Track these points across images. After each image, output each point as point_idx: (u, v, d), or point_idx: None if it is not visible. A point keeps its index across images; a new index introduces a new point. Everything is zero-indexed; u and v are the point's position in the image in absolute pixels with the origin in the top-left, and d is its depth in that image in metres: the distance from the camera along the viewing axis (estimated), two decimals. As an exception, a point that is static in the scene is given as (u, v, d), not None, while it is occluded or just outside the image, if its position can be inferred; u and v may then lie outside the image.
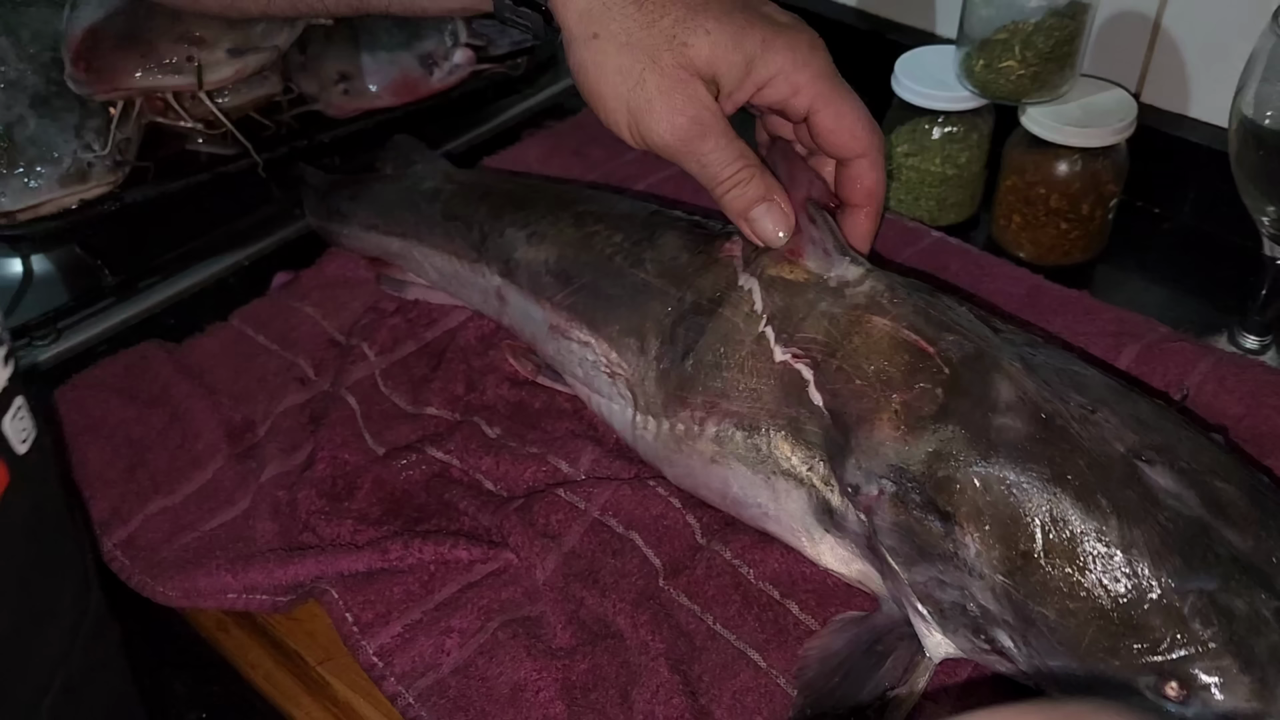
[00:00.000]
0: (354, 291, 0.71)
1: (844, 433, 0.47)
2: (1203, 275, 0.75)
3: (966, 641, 0.45)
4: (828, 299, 0.50)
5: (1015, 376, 0.45)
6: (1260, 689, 0.38)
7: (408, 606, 0.52)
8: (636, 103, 0.49)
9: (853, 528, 0.48)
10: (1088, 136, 0.68)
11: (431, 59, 0.84)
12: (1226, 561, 0.40)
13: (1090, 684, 0.41)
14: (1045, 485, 0.42)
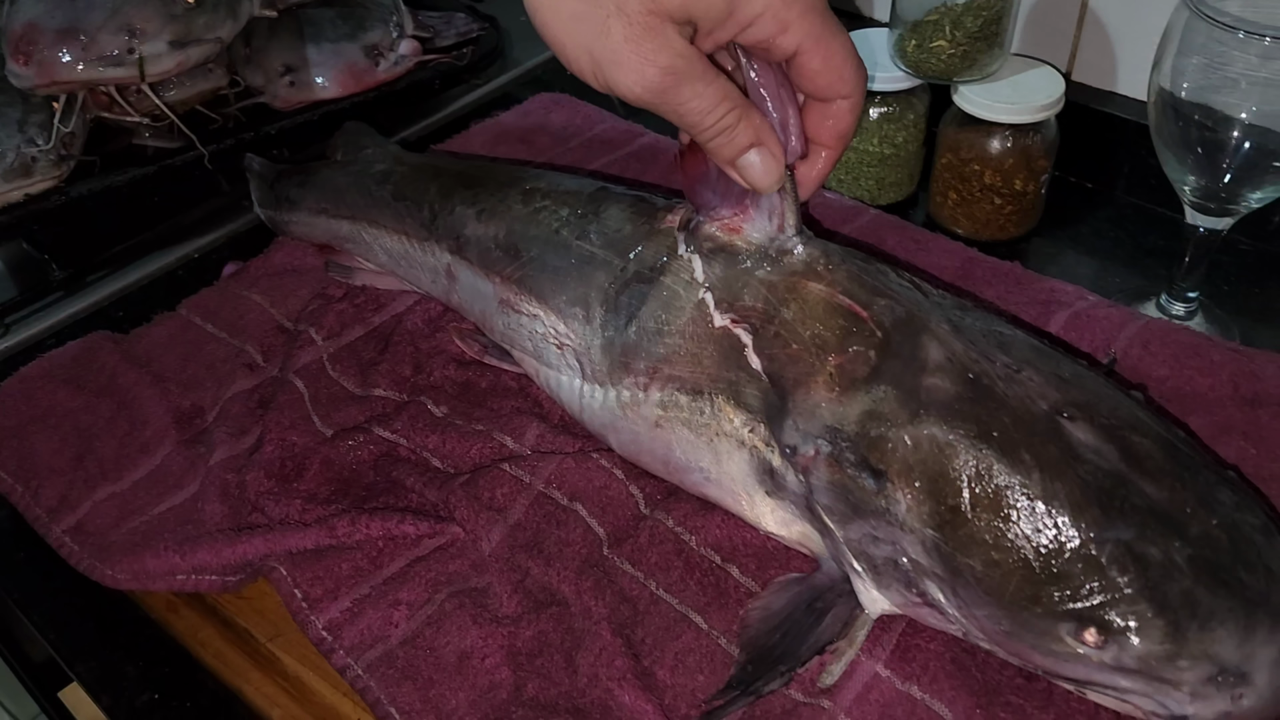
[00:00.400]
0: (302, 279, 0.71)
1: (782, 396, 0.48)
2: (1133, 246, 0.77)
3: (900, 595, 0.47)
4: (765, 266, 0.51)
5: (944, 338, 0.47)
6: (1173, 631, 0.40)
7: (356, 582, 0.52)
8: (601, 53, 0.44)
9: (792, 488, 0.49)
10: (1018, 113, 0.70)
11: (377, 50, 0.84)
12: (1142, 511, 0.42)
13: (1014, 633, 0.43)
14: (972, 442, 0.44)
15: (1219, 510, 0.42)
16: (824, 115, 0.50)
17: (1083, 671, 0.42)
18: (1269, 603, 0.41)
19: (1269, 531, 0.43)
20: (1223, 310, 0.70)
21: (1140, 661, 0.41)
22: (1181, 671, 0.40)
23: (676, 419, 0.52)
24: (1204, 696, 0.40)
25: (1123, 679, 0.42)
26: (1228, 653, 0.40)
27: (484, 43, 0.94)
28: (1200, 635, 0.40)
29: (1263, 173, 0.59)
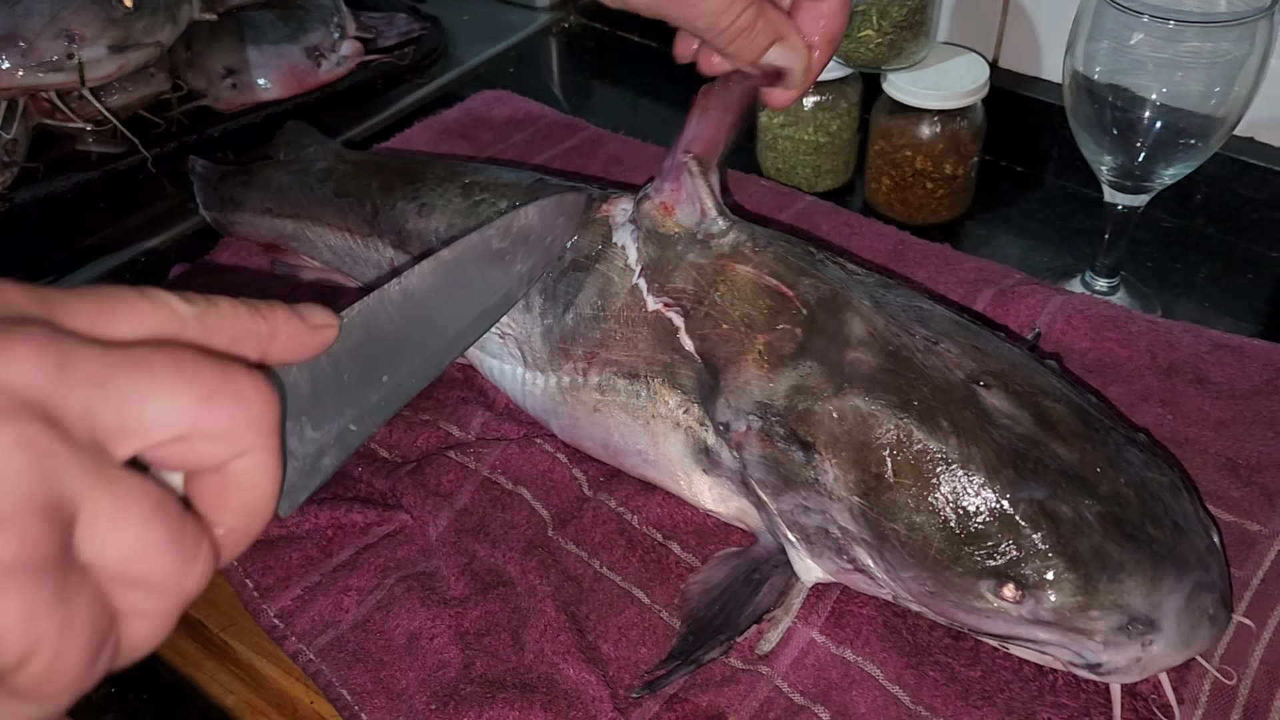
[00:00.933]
0: (248, 279, 0.72)
1: (714, 375, 0.50)
2: (1060, 226, 0.79)
3: (831, 563, 0.48)
4: (695, 250, 0.52)
5: (866, 314, 0.49)
6: (1084, 584, 0.42)
7: (306, 570, 0.53)
8: None
9: (727, 465, 0.51)
10: (945, 99, 0.73)
11: (318, 51, 0.85)
12: (1054, 472, 0.44)
13: (939, 593, 0.45)
14: (893, 412, 0.46)
15: (1127, 469, 0.45)
16: (816, 15, 0.50)
17: (1004, 626, 0.44)
18: (1175, 554, 0.43)
19: (1175, 488, 0.45)
20: (1145, 285, 0.73)
21: (1055, 614, 0.43)
22: (1094, 621, 0.42)
23: (614, 403, 0.54)
24: (1116, 644, 0.43)
25: (1041, 631, 0.44)
26: (1136, 602, 0.42)
27: (426, 42, 0.95)
28: (1110, 586, 0.42)
29: (1173, 150, 0.61)
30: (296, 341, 0.34)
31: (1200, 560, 0.43)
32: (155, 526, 0.27)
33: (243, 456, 0.30)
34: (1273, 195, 0.74)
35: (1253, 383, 0.60)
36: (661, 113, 0.95)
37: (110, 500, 0.26)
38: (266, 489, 0.31)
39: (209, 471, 0.30)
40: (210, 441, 0.29)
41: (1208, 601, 0.43)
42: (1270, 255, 0.75)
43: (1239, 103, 0.60)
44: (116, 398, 0.27)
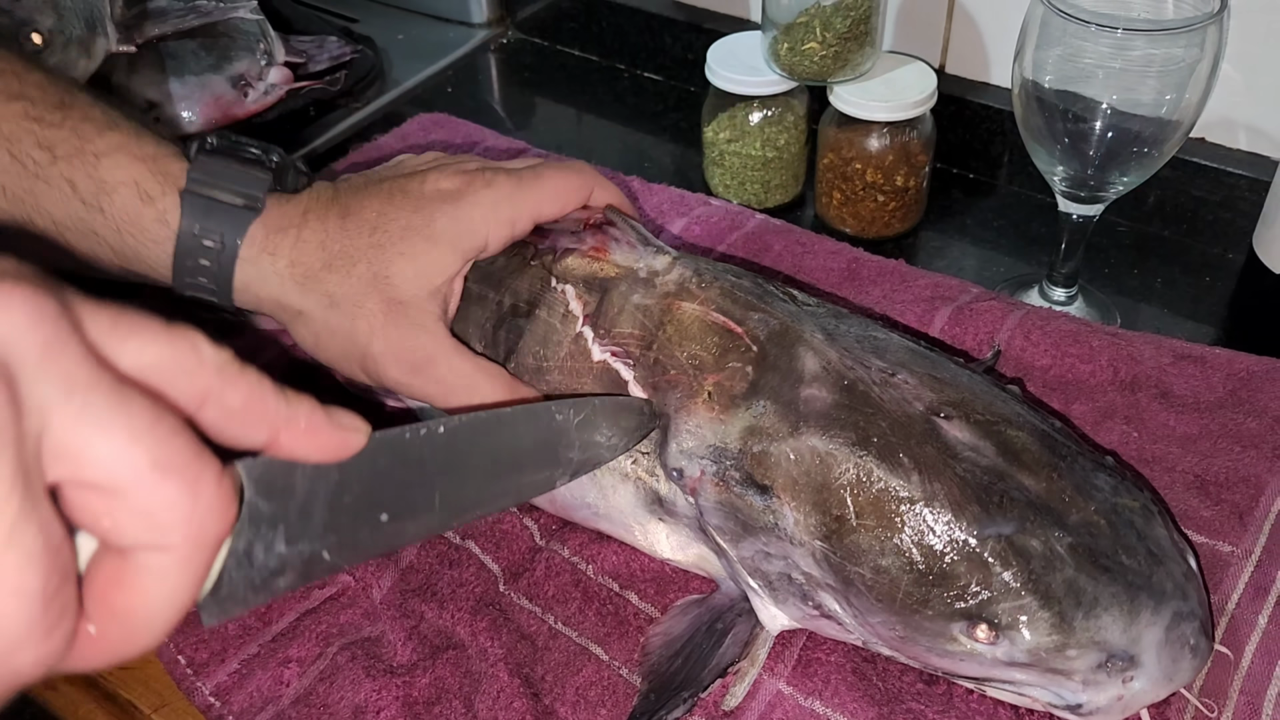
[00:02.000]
0: (177, 325, 0.69)
1: (665, 420, 0.48)
2: (1016, 234, 0.78)
3: (797, 609, 0.46)
4: (640, 290, 0.50)
5: (819, 348, 0.47)
6: (1059, 622, 0.41)
7: (244, 642, 0.50)
8: (357, 353, 0.48)
9: (683, 512, 0.49)
10: (892, 110, 0.71)
11: (245, 80, 0.82)
12: (1022, 505, 0.42)
13: (910, 637, 0.43)
14: (851, 449, 0.44)
15: (1097, 496, 0.43)
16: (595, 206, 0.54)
17: (979, 669, 0.43)
18: (1151, 584, 0.41)
19: (1148, 513, 0.44)
20: (1103, 293, 0.71)
21: (1031, 654, 0.41)
22: (1071, 660, 0.41)
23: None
24: (1096, 683, 0.41)
25: (1017, 673, 0.42)
26: (1114, 637, 0.40)
27: (359, 66, 0.92)
28: (1086, 623, 0.40)
29: (1126, 159, 0.60)
30: (315, 436, 0.31)
31: (1178, 588, 0.42)
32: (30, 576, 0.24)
33: (158, 553, 0.27)
34: (1227, 197, 0.73)
35: (1217, 395, 0.58)
36: (605, 127, 0.93)
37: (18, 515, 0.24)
38: (161, 605, 0.27)
39: (113, 552, 0.27)
40: (135, 515, 0.26)
41: (1188, 631, 0.41)
42: (1227, 257, 0.74)
43: (1191, 109, 0.58)
44: (78, 410, 0.25)
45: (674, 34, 0.93)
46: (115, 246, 0.48)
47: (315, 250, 0.48)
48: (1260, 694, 0.46)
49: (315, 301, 0.48)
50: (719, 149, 0.79)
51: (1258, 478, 0.54)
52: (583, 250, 0.52)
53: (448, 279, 0.49)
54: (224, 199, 0.47)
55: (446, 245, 0.49)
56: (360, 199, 0.49)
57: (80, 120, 0.48)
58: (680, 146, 0.89)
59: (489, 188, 0.50)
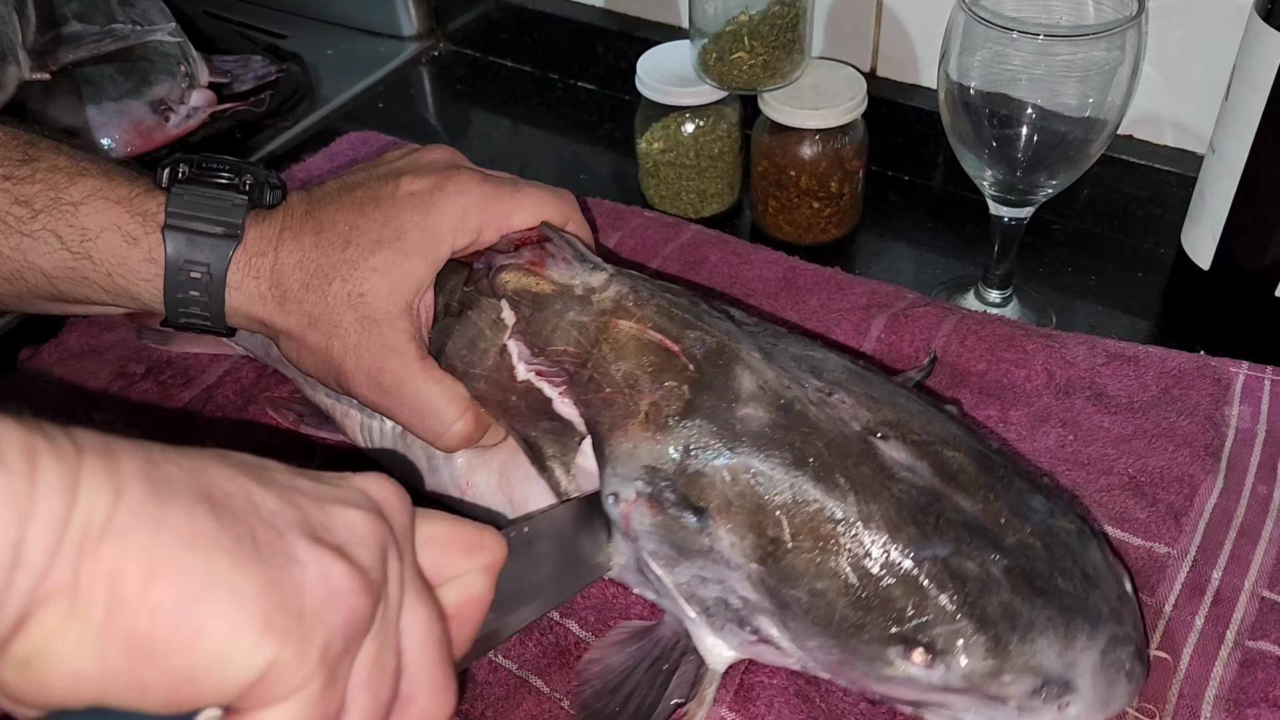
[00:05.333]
0: (101, 359, 0.67)
1: (599, 442, 0.47)
2: (951, 235, 0.78)
3: (735, 636, 0.46)
4: (575, 307, 0.49)
5: (756, 367, 0.46)
6: (995, 646, 0.40)
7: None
8: (332, 370, 0.49)
9: (619, 544, 0.48)
10: (823, 117, 0.71)
11: (165, 104, 0.80)
12: (958, 526, 0.42)
13: (846, 661, 0.43)
14: (787, 470, 0.43)
15: (1033, 518, 0.43)
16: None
17: (916, 693, 0.42)
18: (1087, 608, 0.41)
19: (1083, 535, 0.44)
20: (1038, 292, 0.72)
21: (966, 679, 0.41)
22: (1006, 686, 0.40)
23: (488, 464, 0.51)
24: (1031, 709, 0.41)
25: (954, 697, 0.42)
26: (1050, 662, 0.40)
27: (286, 84, 0.90)
28: (1021, 647, 0.40)
29: (1054, 163, 0.60)
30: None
31: (1113, 612, 0.42)
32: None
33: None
34: (1156, 192, 0.74)
35: (1150, 393, 0.59)
36: (541, 138, 0.92)
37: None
38: None
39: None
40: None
41: (1124, 656, 0.41)
42: (1158, 252, 0.75)
43: (1115, 110, 0.59)
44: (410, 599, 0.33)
45: (606, 42, 0.92)
46: (107, 288, 0.49)
47: (293, 270, 0.49)
48: (1199, 696, 0.46)
49: (295, 321, 0.49)
50: (653, 160, 0.78)
51: (1192, 477, 0.54)
52: (518, 264, 0.51)
53: (420, 290, 0.50)
54: (205, 229, 0.48)
55: (418, 257, 0.49)
56: (333, 212, 0.50)
57: (49, 171, 0.49)
58: (617, 156, 0.89)
59: (461, 194, 0.50)
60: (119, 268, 0.49)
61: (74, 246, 0.48)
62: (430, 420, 0.49)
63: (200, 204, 0.49)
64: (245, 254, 0.49)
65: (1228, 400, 0.58)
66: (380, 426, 0.56)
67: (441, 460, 0.53)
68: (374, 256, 0.48)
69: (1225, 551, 0.51)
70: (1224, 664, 0.47)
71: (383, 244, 0.49)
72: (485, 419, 0.50)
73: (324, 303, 0.48)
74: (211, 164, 0.50)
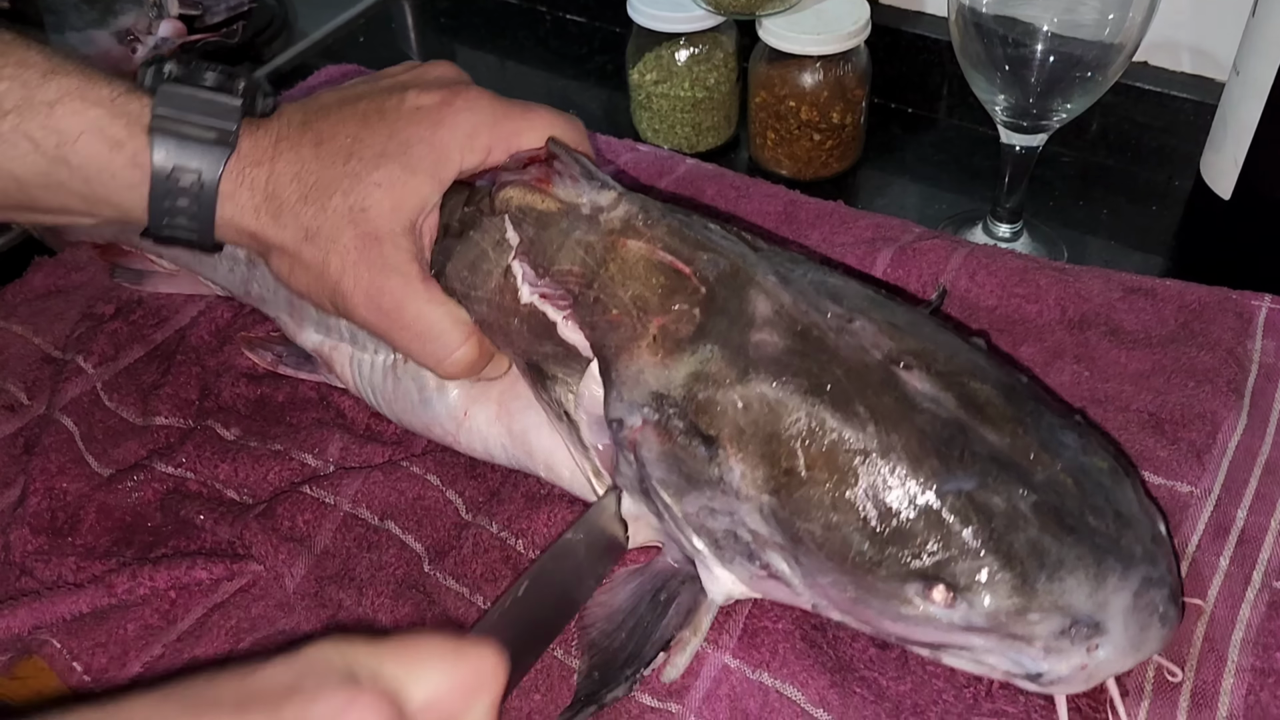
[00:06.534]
0: (69, 300, 0.64)
1: (605, 367, 0.45)
2: (958, 169, 0.75)
3: (744, 570, 0.43)
4: (582, 227, 0.47)
5: (771, 291, 0.43)
6: (1021, 584, 0.38)
7: (146, 643, 0.47)
8: (328, 289, 0.46)
9: (623, 468, 0.45)
10: (824, 43, 0.67)
11: (132, 35, 0.76)
12: (984, 460, 0.39)
13: (861, 599, 0.40)
14: (803, 397, 0.40)
15: (1064, 454, 0.40)
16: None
17: (934, 634, 0.40)
18: (1119, 547, 0.39)
19: (1116, 474, 0.41)
20: (1049, 227, 0.69)
21: (990, 618, 0.38)
22: (1033, 626, 0.38)
23: (489, 397, 0.49)
24: (1058, 651, 0.38)
25: (975, 638, 0.39)
26: (1079, 602, 0.38)
27: (260, 15, 0.86)
28: (1049, 586, 0.38)
29: (1069, 84, 0.57)
30: None
31: (1147, 553, 0.39)
32: None
33: None
34: (1171, 121, 0.71)
35: (1168, 328, 0.56)
36: (528, 74, 0.89)
37: None
38: None
39: None
40: None
41: (1157, 598, 0.39)
42: (1173, 184, 0.72)
43: (1135, 30, 0.55)
44: None
45: (596, -27, 0.88)
46: (85, 196, 0.45)
47: (290, 182, 0.45)
48: (1225, 640, 0.44)
49: (291, 235, 0.46)
50: (646, 91, 0.74)
51: (1214, 413, 0.52)
52: (524, 181, 0.48)
53: (424, 210, 0.47)
54: (195, 134, 0.44)
55: (424, 174, 0.46)
56: (334, 123, 0.46)
57: (17, 66, 0.44)
58: (607, 90, 0.85)
59: (470, 110, 0.47)
60: (99, 174, 0.44)
61: (49, 150, 0.44)
62: (432, 345, 0.46)
63: (190, 106, 0.44)
64: (239, 162, 0.45)
65: (1250, 334, 0.55)
66: (371, 360, 0.53)
67: (435, 392, 0.51)
68: (377, 171, 0.45)
69: (1250, 490, 0.49)
70: (1251, 606, 0.45)
71: (387, 158, 0.46)
72: (489, 346, 0.48)
73: (323, 216, 0.45)
74: (201, 64, 0.46)
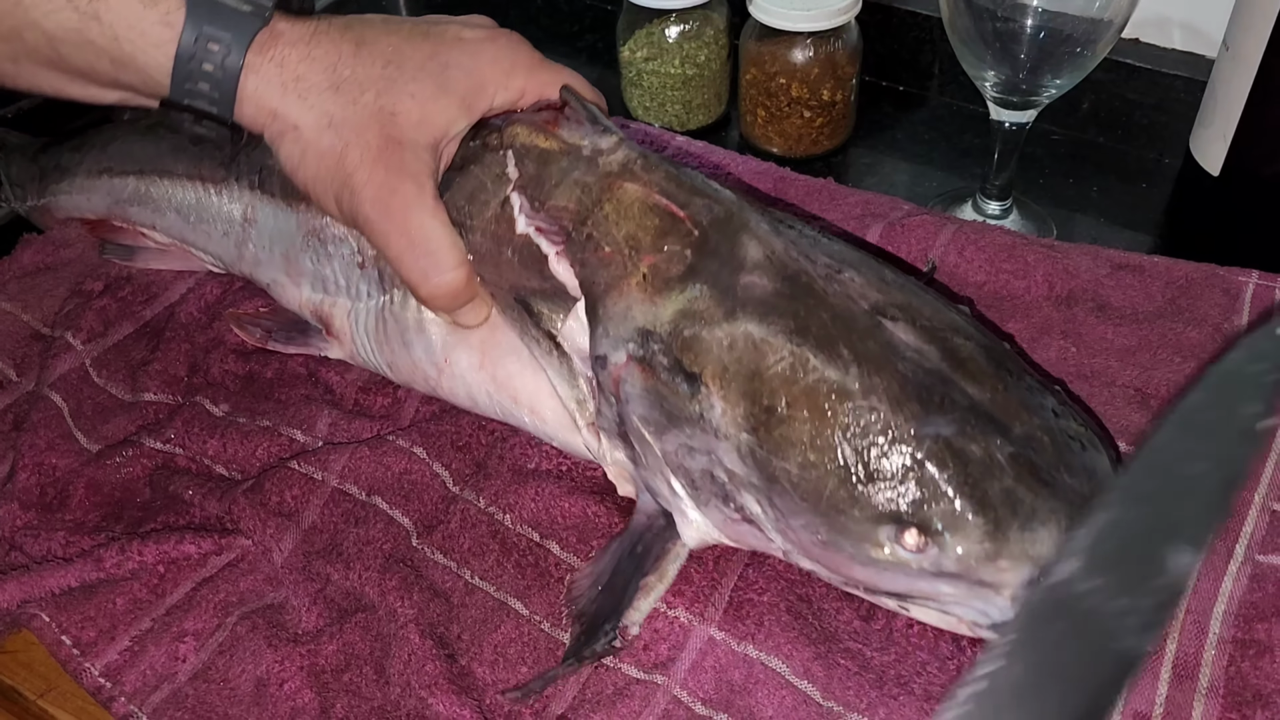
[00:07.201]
0: (58, 277, 0.63)
1: (593, 304, 0.45)
2: (948, 147, 0.75)
3: (718, 513, 0.44)
4: (581, 167, 0.48)
5: (763, 238, 0.44)
6: (993, 531, 0.38)
7: (135, 617, 0.47)
8: (339, 180, 0.46)
9: (604, 410, 0.46)
10: (815, 19, 0.67)
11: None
12: (963, 409, 0.39)
13: (832, 542, 0.40)
14: (788, 338, 0.41)
15: (1041, 414, 0.41)
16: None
17: (904, 582, 0.40)
18: (1091, 504, 0.39)
19: (1092, 440, 0.41)
20: (1038, 204, 0.69)
21: (960, 563, 0.38)
22: (1003, 573, 0.38)
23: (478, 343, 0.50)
24: None
25: (944, 585, 0.39)
26: (1050, 553, 0.38)
27: None
28: (1021, 535, 0.38)
29: (1060, 60, 0.57)
30: None
31: None
32: None
33: None
34: (1162, 99, 0.70)
35: (1155, 304, 0.56)
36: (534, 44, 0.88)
37: None
38: None
39: None
40: None
41: None
42: (1163, 162, 0.72)
43: (1124, 5, 0.55)
44: None
45: (586, -51, 0.87)
46: (112, 55, 0.45)
47: (323, 71, 0.46)
48: (1206, 612, 0.44)
49: (314, 119, 0.46)
50: (636, 68, 0.74)
51: (1199, 388, 0.52)
52: (532, 120, 0.49)
53: (449, 134, 0.48)
54: (230, 3, 0.45)
55: (457, 99, 0.47)
56: (376, 33, 0.47)
57: None
58: (599, 69, 0.85)
59: (511, 51, 0.49)
60: (129, 30, 0.45)
61: (82, 4, 0.44)
62: (425, 260, 0.46)
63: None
64: (271, 38, 0.45)
65: (1237, 310, 0.55)
66: (365, 307, 0.54)
67: (415, 335, 0.51)
68: (414, 83, 0.46)
69: (1234, 464, 0.49)
70: (1233, 579, 0.45)
71: (425, 73, 0.47)
72: (475, 284, 0.48)
73: (351, 109, 0.46)
74: None
